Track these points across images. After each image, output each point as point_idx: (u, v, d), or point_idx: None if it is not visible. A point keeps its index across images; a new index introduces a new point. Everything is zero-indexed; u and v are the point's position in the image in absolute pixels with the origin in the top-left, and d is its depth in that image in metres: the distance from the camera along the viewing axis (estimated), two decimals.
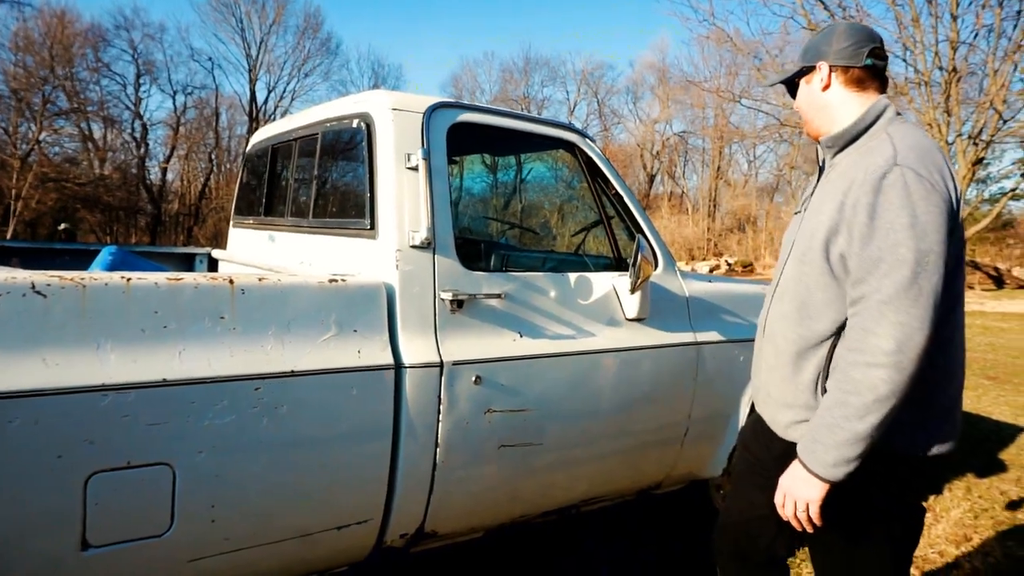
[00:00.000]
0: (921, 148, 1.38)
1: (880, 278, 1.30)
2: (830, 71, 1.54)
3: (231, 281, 1.72)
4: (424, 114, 2.14)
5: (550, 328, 2.27)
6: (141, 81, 30.42)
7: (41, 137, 24.64)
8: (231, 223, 3.47)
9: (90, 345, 1.52)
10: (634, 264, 2.25)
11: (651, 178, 41.99)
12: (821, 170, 1.61)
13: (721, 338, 2.73)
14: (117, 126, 29.81)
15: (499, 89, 40.48)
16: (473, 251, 2.35)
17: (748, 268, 28.19)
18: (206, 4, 33.44)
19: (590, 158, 2.55)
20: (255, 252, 3.11)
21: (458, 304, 2.07)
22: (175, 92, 32.05)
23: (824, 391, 1.44)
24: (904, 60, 13.35)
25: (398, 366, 1.94)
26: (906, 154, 1.35)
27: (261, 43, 34.35)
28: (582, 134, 2.56)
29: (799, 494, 1.40)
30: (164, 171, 31.83)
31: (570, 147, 2.55)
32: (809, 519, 1.41)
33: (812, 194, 1.58)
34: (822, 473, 1.35)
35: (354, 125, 2.26)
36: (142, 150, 30.59)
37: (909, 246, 1.28)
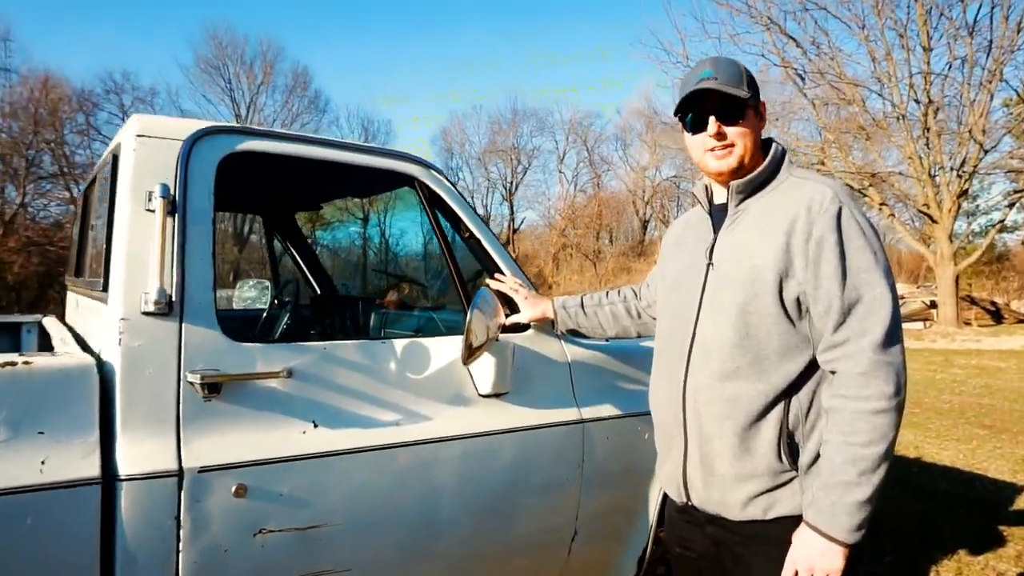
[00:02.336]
0: (845, 189, 1.39)
1: (861, 319, 1.28)
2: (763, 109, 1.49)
3: None
4: (185, 142, 1.66)
5: (361, 413, 1.74)
6: None
7: (26, 201, 24.52)
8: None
9: None
10: (466, 327, 1.73)
11: (644, 224, 41.85)
12: (714, 216, 1.51)
13: (617, 412, 2.19)
14: None
15: (488, 140, 40.65)
16: (248, 315, 1.83)
17: None
18: (195, 67, 33.76)
19: (435, 194, 2.06)
20: (73, 319, 2.60)
21: (213, 388, 1.55)
22: None
23: (789, 451, 1.35)
24: (880, 95, 13.13)
25: (109, 479, 1.41)
26: (842, 195, 1.34)
27: (250, 103, 34.67)
28: (425, 165, 2.08)
29: (821, 566, 1.27)
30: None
31: (408, 182, 2.06)
32: None
33: (715, 243, 1.47)
34: (847, 539, 1.25)
35: (110, 159, 1.78)
36: None
37: (883, 285, 1.29)
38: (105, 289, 1.58)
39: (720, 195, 1.51)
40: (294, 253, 3.27)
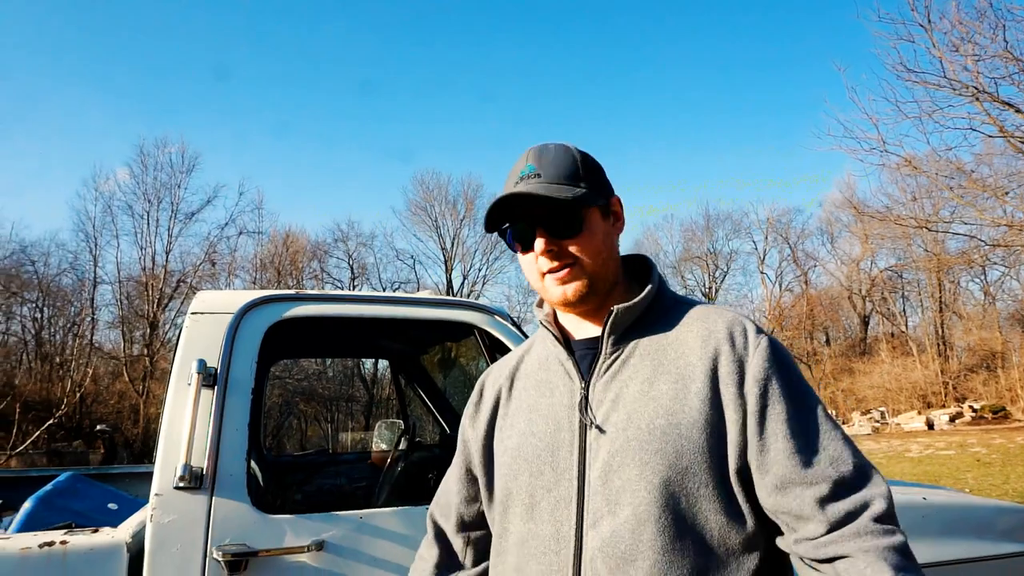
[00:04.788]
0: None
1: (858, 488, 0.94)
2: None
3: None
4: (235, 315, 1.75)
5: None
6: (356, 283, 34.60)
7: None
8: None
9: None
10: None
11: (865, 320, 38.02)
12: (578, 356, 1.09)
13: None
14: None
15: (681, 249, 40.13)
16: (284, 485, 1.81)
17: (1000, 414, 23.29)
18: (406, 211, 37.96)
19: (498, 341, 1.97)
20: None
21: (237, 566, 1.52)
22: (384, 289, 35.85)
23: None
24: None
25: None
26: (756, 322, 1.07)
27: (454, 236, 37.88)
28: (485, 311, 2.01)
29: None
30: (376, 363, 34.80)
31: (467, 331, 2.00)
32: None
33: (587, 394, 1.04)
34: None
35: None
36: None
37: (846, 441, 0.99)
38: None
39: (579, 326, 1.13)
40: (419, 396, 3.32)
